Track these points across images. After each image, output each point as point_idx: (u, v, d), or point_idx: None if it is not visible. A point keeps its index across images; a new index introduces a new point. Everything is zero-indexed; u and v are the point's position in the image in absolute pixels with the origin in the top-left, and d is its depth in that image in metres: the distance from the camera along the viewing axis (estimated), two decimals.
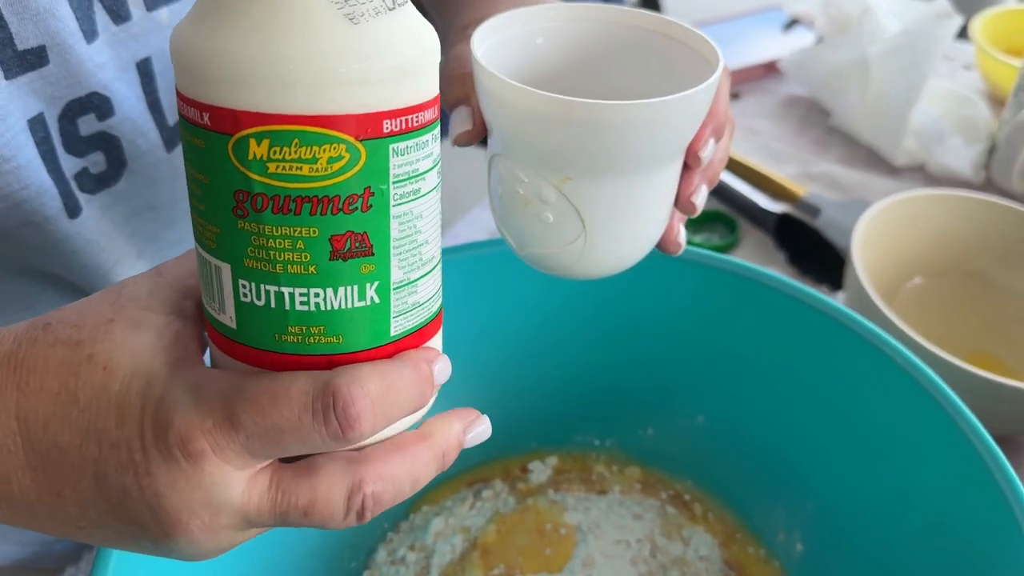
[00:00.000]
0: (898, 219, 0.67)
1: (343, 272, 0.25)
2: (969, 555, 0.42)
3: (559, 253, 0.38)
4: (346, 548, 0.51)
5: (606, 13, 0.39)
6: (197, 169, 0.25)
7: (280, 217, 0.25)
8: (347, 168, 0.24)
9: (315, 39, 0.24)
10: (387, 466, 0.27)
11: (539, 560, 0.49)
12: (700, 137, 0.37)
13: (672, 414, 0.53)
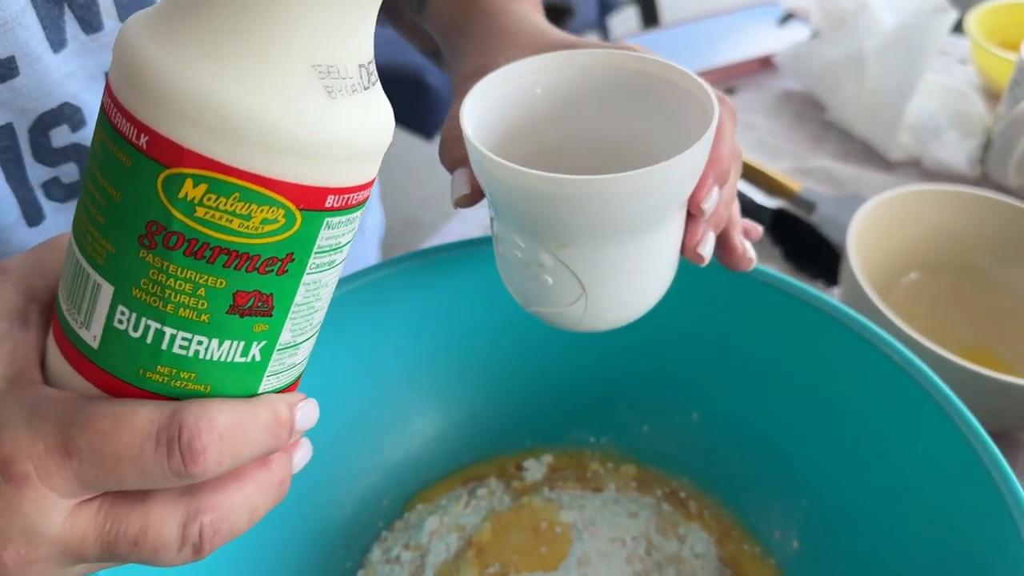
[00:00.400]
0: (893, 214, 0.66)
1: (235, 327, 0.25)
2: (965, 550, 0.42)
3: (562, 312, 0.38)
4: (341, 548, 0.50)
5: (605, 58, 0.39)
6: (109, 181, 0.24)
7: (190, 261, 0.23)
8: (277, 232, 0.24)
9: (293, 104, 0.23)
10: (225, 495, 0.26)
11: (534, 558, 0.49)
12: (701, 187, 0.36)
13: (667, 411, 0.53)
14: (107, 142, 0.24)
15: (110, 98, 0.24)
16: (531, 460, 0.55)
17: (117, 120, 0.23)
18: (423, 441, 0.54)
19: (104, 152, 0.24)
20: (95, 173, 0.24)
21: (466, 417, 0.54)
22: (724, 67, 0.99)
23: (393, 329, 0.51)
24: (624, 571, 0.48)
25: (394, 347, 0.52)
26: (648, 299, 0.39)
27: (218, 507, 0.25)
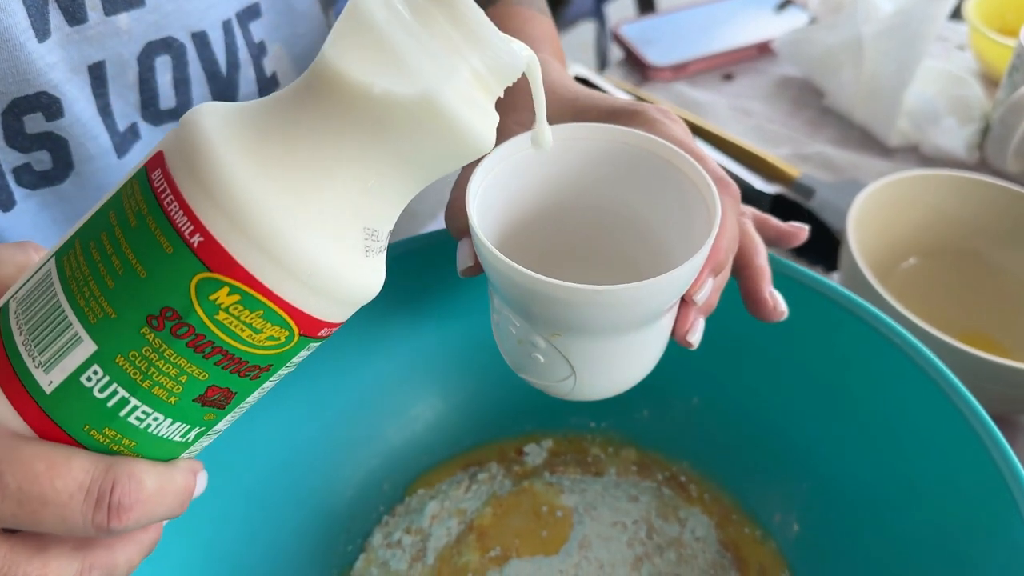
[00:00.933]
0: (892, 199, 0.66)
1: (192, 413, 0.26)
2: (966, 533, 0.42)
3: (551, 386, 0.40)
4: (342, 532, 0.50)
5: (612, 133, 0.39)
6: (137, 256, 0.24)
7: (188, 352, 0.24)
8: (273, 348, 0.26)
9: (342, 257, 0.25)
10: (113, 554, 0.27)
11: (535, 542, 0.49)
12: (697, 282, 0.37)
13: (667, 396, 0.53)
14: (148, 219, 0.24)
15: (166, 181, 0.24)
16: (532, 445, 0.55)
17: (170, 207, 0.24)
18: (424, 426, 0.54)
19: (141, 227, 0.24)
20: (119, 239, 0.24)
21: (466, 402, 0.54)
22: (722, 53, 0.99)
23: (394, 314, 0.51)
24: (625, 554, 0.48)
25: (395, 332, 0.52)
26: (636, 377, 0.41)
27: (106, 564, 0.27)
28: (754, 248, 0.42)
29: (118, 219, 0.25)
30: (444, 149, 0.26)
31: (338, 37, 0.25)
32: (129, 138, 0.46)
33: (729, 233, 0.38)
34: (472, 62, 0.26)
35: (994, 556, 0.40)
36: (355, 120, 0.25)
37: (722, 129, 0.86)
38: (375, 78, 0.25)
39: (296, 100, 0.25)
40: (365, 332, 0.50)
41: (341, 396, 0.51)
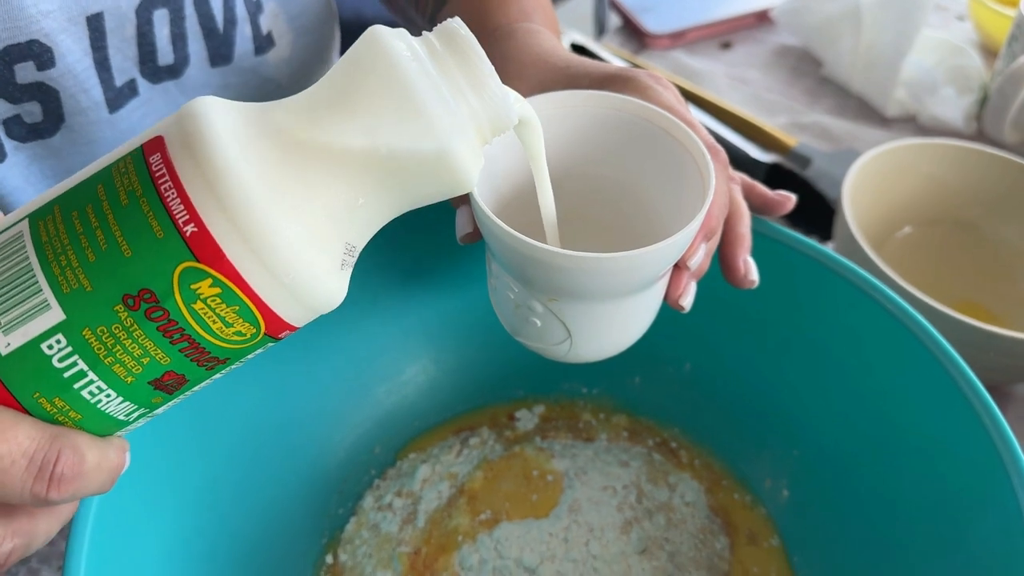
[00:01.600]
0: (888, 168, 0.66)
1: (143, 395, 0.26)
2: (955, 501, 0.42)
3: (548, 348, 0.40)
4: (333, 494, 0.51)
5: (606, 100, 0.39)
6: (124, 235, 0.24)
7: (157, 335, 0.25)
8: (236, 343, 0.26)
9: (322, 266, 0.26)
10: (35, 523, 0.27)
11: (525, 506, 0.49)
12: (691, 248, 0.37)
13: (659, 362, 0.53)
14: (141, 201, 0.24)
15: (165, 167, 0.24)
16: (523, 410, 0.55)
17: (167, 193, 0.24)
18: (416, 391, 0.54)
19: (132, 207, 0.24)
20: (107, 214, 0.24)
21: (459, 367, 0.54)
22: (720, 21, 0.98)
23: (387, 279, 0.51)
24: (615, 518, 0.48)
25: (388, 298, 0.51)
26: (631, 339, 0.41)
27: (28, 533, 0.27)
28: (738, 215, 0.42)
29: (107, 195, 0.25)
30: (438, 189, 0.28)
31: (363, 78, 0.26)
32: (126, 93, 0.46)
33: (720, 200, 0.38)
34: (478, 116, 0.27)
35: (983, 522, 0.40)
36: (366, 163, 0.26)
37: (719, 98, 0.85)
38: (396, 137, 0.26)
39: (310, 120, 0.26)
40: (360, 297, 0.50)
41: (333, 360, 0.51)
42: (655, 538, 0.48)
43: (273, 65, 0.53)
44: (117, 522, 0.38)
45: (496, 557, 0.47)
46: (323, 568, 0.49)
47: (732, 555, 0.48)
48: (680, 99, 0.43)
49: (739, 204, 0.42)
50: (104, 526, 0.37)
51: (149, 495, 0.41)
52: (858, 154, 0.77)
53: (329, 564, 0.49)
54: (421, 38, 0.28)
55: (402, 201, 0.28)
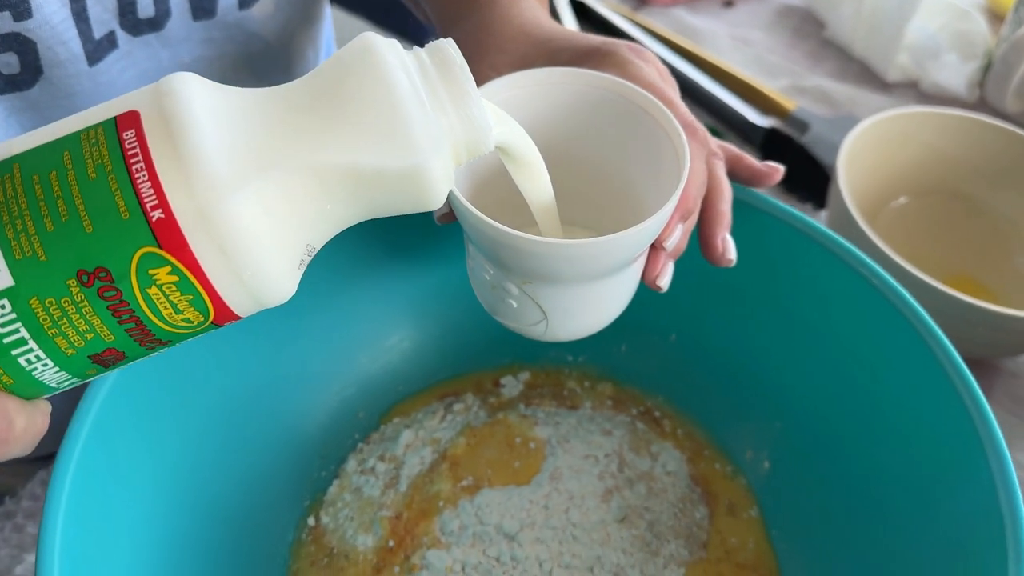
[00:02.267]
0: (886, 136, 0.65)
1: (80, 366, 0.26)
2: (933, 478, 0.42)
3: (524, 328, 0.40)
4: (316, 458, 0.51)
5: (584, 78, 0.39)
6: (88, 210, 0.24)
7: (107, 314, 0.24)
8: (182, 329, 0.26)
9: (282, 264, 0.26)
10: None
11: (507, 473, 0.50)
12: (667, 229, 0.37)
13: (645, 331, 0.53)
14: (109, 177, 0.24)
15: (139, 146, 0.24)
16: (508, 377, 0.55)
17: (138, 174, 0.24)
18: (401, 356, 0.54)
19: (100, 182, 0.24)
20: (71, 185, 0.24)
21: (444, 333, 0.54)
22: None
23: (372, 245, 0.50)
24: (596, 486, 0.49)
25: (373, 263, 0.51)
26: (608, 319, 0.41)
27: None
28: (719, 192, 0.41)
29: (74, 164, 0.24)
30: (406, 204, 0.28)
31: (351, 88, 0.26)
32: (105, 46, 0.45)
33: (697, 179, 0.38)
34: (456, 137, 0.28)
35: (958, 499, 0.40)
36: (342, 175, 0.26)
37: (719, 59, 0.84)
38: (376, 153, 0.26)
39: (293, 126, 0.26)
40: (341, 262, 0.50)
41: (317, 325, 0.50)
42: (635, 507, 0.48)
43: (258, 20, 0.52)
44: (95, 487, 0.38)
45: (477, 523, 0.47)
46: (305, 530, 0.49)
47: (711, 525, 0.49)
48: (664, 73, 0.42)
49: (720, 181, 0.42)
50: (81, 492, 0.37)
51: (127, 457, 0.41)
52: (857, 120, 0.76)
53: (311, 526, 0.49)
54: (412, 52, 0.28)
55: (369, 210, 0.28)
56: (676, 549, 0.47)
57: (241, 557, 0.46)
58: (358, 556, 0.47)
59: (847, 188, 0.60)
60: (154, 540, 0.41)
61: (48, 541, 0.35)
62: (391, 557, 0.47)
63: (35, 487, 0.55)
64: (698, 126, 0.40)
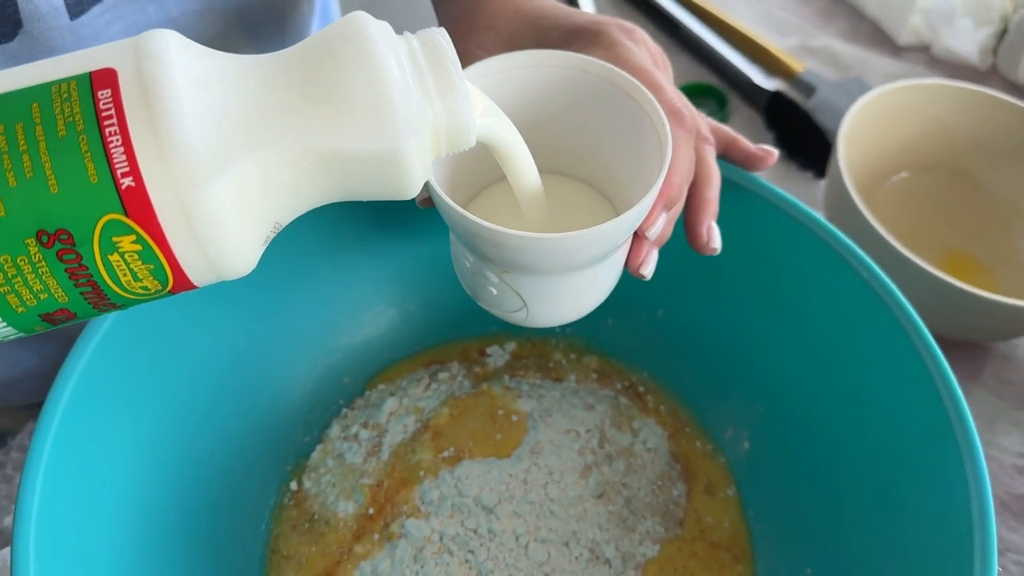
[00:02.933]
0: (892, 108, 0.64)
1: (28, 322, 0.25)
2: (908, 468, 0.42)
3: (506, 315, 0.40)
4: (300, 423, 0.51)
5: (571, 61, 0.38)
6: (55, 169, 0.23)
7: (64, 276, 0.24)
8: (137, 295, 0.26)
9: (247, 241, 0.26)
10: None
11: (489, 445, 0.50)
12: (649, 218, 0.36)
13: (633, 307, 0.53)
14: (80, 138, 0.23)
15: (115, 110, 0.23)
16: (495, 346, 0.55)
17: (111, 138, 0.23)
18: (387, 322, 0.54)
19: (70, 142, 0.23)
20: (39, 141, 0.23)
21: (431, 300, 0.54)
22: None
23: (358, 212, 0.50)
24: (575, 462, 0.49)
25: (359, 228, 0.51)
26: (589, 307, 0.40)
27: None
28: (706, 179, 0.41)
29: (43, 118, 0.23)
30: (380, 191, 0.28)
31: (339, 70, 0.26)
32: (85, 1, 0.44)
33: (682, 167, 0.37)
34: (439, 130, 0.28)
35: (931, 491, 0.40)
36: (320, 158, 0.26)
37: (728, 14, 0.82)
38: (358, 139, 0.26)
39: (278, 103, 0.25)
40: (329, 228, 0.49)
41: (303, 291, 0.50)
42: (613, 483, 0.49)
43: None
44: (76, 447, 0.39)
45: (456, 494, 0.48)
46: (287, 494, 0.50)
47: (688, 503, 0.49)
48: (656, 54, 0.41)
49: (708, 167, 0.41)
50: (63, 452, 0.38)
51: (109, 419, 0.41)
52: (864, 84, 0.74)
53: (293, 490, 0.50)
54: (403, 38, 0.27)
55: (342, 194, 0.28)
56: (652, 526, 0.48)
57: (223, 520, 0.47)
58: (338, 522, 0.48)
59: (846, 163, 0.59)
60: (135, 500, 0.42)
61: (26, 501, 0.36)
62: (371, 524, 0.48)
63: (24, 439, 0.56)
64: (685, 112, 0.39)
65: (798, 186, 0.71)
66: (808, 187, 0.71)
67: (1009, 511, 0.54)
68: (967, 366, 0.60)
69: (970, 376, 0.59)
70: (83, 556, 0.38)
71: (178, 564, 0.44)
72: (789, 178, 0.72)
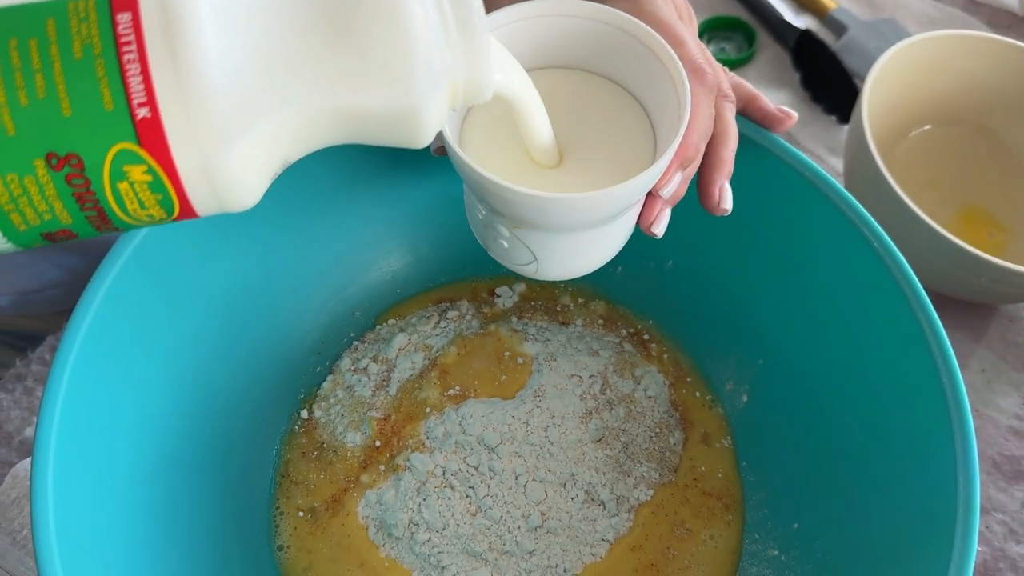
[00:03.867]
0: (921, 59, 0.63)
1: (29, 239, 0.25)
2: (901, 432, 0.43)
3: (516, 268, 0.41)
4: (312, 354, 0.53)
5: (600, 14, 0.37)
6: (70, 92, 0.22)
7: (71, 199, 0.24)
8: (141, 221, 0.26)
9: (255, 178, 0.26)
10: None
11: (493, 385, 0.51)
12: (664, 177, 0.36)
13: (643, 257, 0.53)
14: (97, 62, 0.22)
15: (135, 37, 0.22)
16: (504, 287, 0.56)
17: (130, 66, 0.22)
18: (400, 259, 0.55)
19: (86, 65, 0.22)
20: (54, 61, 0.22)
21: (444, 238, 0.55)
22: None
23: (373, 150, 0.50)
24: (576, 406, 0.50)
25: (374, 166, 0.51)
26: (602, 261, 0.41)
27: None
28: (723, 138, 0.40)
29: (59, 37, 0.22)
30: (393, 138, 0.28)
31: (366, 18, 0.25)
32: None
33: (701, 126, 0.37)
34: (457, 82, 0.28)
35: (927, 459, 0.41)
36: (338, 106, 0.26)
37: None
38: (378, 90, 0.26)
39: (301, 49, 0.25)
40: (345, 166, 0.50)
41: (317, 228, 0.51)
42: (612, 428, 0.50)
43: None
44: (94, 374, 0.40)
45: (460, 432, 0.49)
46: (298, 422, 0.52)
47: (684, 451, 0.51)
48: (681, 7, 0.41)
49: (727, 125, 0.41)
50: (81, 378, 0.39)
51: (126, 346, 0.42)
52: (896, 26, 0.73)
53: (304, 419, 0.52)
54: None
55: (353, 137, 0.28)
56: (647, 471, 0.49)
57: (237, 445, 0.49)
58: (346, 452, 0.50)
59: (869, 112, 0.58)
60: (152, 423, 0.44)
61: (47, 420, 0.37)
62: (377, 456, 0.50)
63: (44, 352, 0.58)
64: (707, 69, 0.38)
65: (821, 130, 0.71)
66: (831, 132, 0.70)
67: (1000, 471, 0.55)
68: (972, 325, 0.60)
69: (975, 336, 0.60)
70: (99, 474, 0.40)
71: (193, 485, 0.46)
72: (813, 121, 0.71)
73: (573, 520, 0.48)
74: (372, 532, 0.48)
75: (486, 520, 0.47)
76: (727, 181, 0.41)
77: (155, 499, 0.43)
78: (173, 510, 0.44)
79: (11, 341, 0.66)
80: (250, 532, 0.48)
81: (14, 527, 0.52)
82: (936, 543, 0.38)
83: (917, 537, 0.40)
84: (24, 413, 0.55)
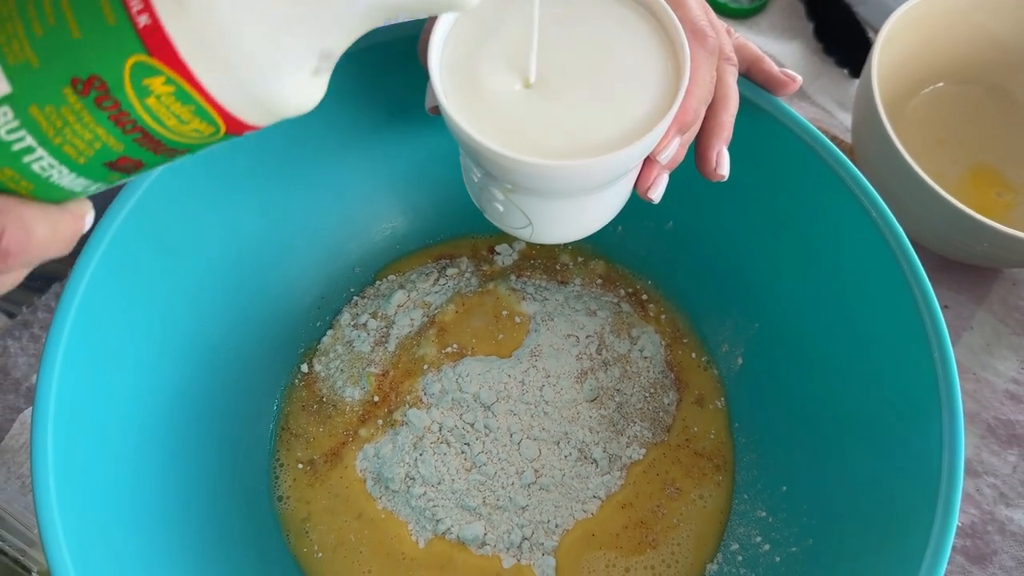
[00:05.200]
0: (936, 13, 0.61)
1: (99, 174, 0.25)
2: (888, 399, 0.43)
3: (511, 231, 0.40)
4: (312, 308, 0.53)
5: None
6: (75, 15, 0.22)
7: (109, 124, 0.23)
8: (195, 139, 0.25)
9: (292, 77, 0.25)
10: None
11: (490, 344, 0.52)
12: (662, 142, 0.35)
13: (644, 216, 0.53)
14: None
15: None
16: (504, 245, 0.56)
17: None
18: (400, 215, 0.55)
19: None
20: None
21: (444, 195, 0.55)
22: None
23: (377, 106, 0.50)
24: (572, 366, 0.51)
25: (373, 122, 0.51)
26: (598, 226, 0.41)
27: None
28: (723, 102, 0.40)
29: None
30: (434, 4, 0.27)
31: None
32: None
33: (700, 90, 0.37)
34: None
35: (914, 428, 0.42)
36: None
37: None
38: None
39: None
40: (345, 121, 0.50)
41: (317, 183, 0.51)
42: (607, 388, 0.51)
43: None
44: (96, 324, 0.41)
45: (456, 389, 0.50)
46: (298, 375, 0.52)
47: (677, 411, 0.51)
48: None
49: (728, 88, 0.40)
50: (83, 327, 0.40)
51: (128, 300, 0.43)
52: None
53: (304, 372, 0.52)
54: None
55: (391, 10, 0.26)
56: (640, 430, 0.50)
57: (238, 397, 0.50)
58: (345, 406, 0.51)
59: (880, 69, 0.57)
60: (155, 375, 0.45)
61: (47, 373, 0.38)
62: (375, 411, 0.51)
63: (50, 299, 0.58)
64: (709, 32, 0.37)
65: (832, 83, 0.69)
66: (842, 86, 0.69)
67: (994, 435, 0.56)
68: (974, 288, 0.60)
69: (976, 299, 0.59)
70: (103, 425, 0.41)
71: (194, 436, 0.47)
72: (824, 74, 0.70)
73: (566, 477, 0.49)
74: (369, 485, 0.49)
75: (480, 476, 0.48)
76: (725, 147, 0.41)
77: (156, 451, 0.44)
78: (174, 461, 0.45)
79: (27, 282, 0.66)
80: (250, 483, 0.49)
81: (23, 471, 0.54)
82: (920, 508, 0.39)
83: (902, 502, 0.41)
84: (31, 360, 0.56)
